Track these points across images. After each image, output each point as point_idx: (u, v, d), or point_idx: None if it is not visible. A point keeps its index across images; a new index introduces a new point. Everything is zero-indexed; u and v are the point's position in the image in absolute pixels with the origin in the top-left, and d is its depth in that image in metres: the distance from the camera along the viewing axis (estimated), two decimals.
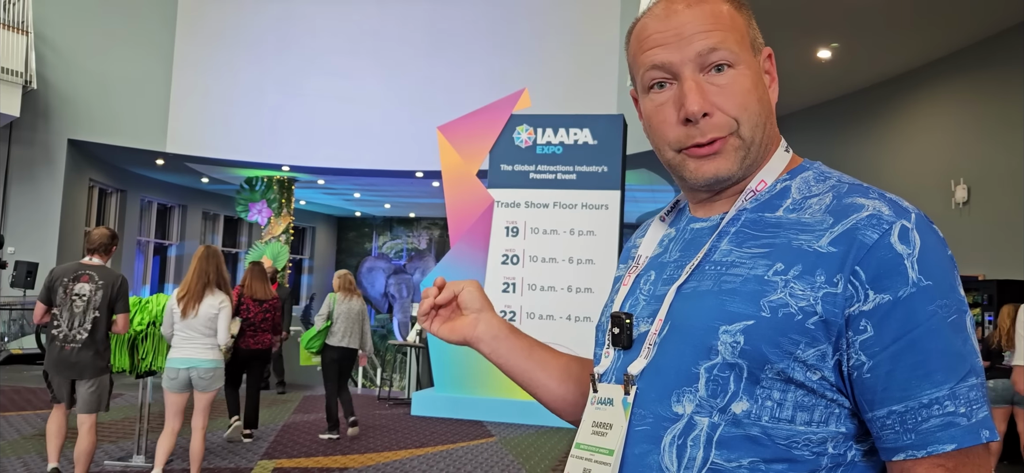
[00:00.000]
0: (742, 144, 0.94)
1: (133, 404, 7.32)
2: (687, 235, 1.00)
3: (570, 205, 8.85)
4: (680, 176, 0.98)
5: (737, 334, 0.86)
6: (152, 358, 5.86)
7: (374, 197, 18.32)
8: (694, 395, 0.88)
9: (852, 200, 0.89)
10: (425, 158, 12.66)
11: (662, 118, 0.95)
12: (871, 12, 8.54)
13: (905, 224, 0.85)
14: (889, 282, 0.83)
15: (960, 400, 0.82)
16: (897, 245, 0.84)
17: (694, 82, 0.92)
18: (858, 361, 0.84)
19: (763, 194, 0.95)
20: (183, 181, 16.33)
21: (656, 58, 0.94)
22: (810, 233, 0.88)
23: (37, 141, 12.27)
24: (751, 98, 0.94)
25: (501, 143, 9.06)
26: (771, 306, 0.85)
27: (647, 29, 0.97)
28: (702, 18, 0.93)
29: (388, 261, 21.03)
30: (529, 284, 8.73)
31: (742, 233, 0.93)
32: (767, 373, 0.85)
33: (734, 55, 0.93)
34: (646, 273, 1.02)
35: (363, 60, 13.63)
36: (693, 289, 0.92)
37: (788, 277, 0.86)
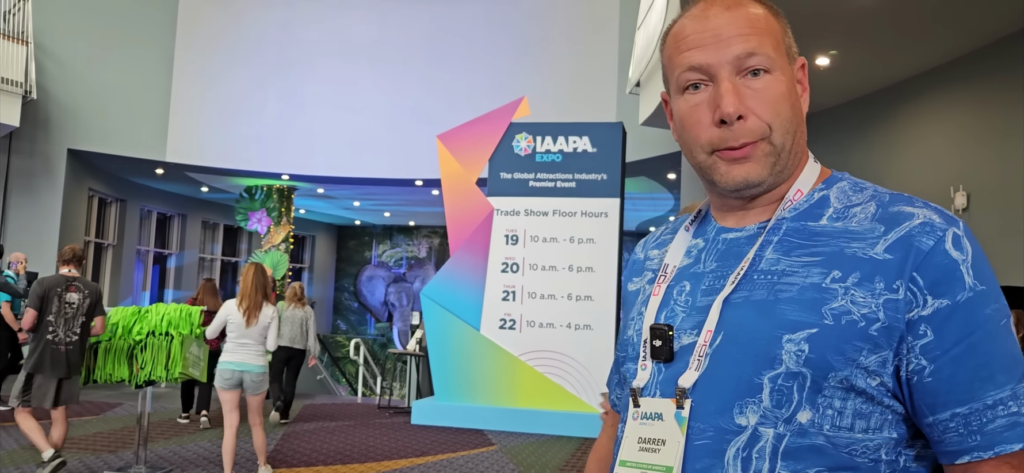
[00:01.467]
0: (773, 150, 0.93)
1: (132, 413, 7.31)
2: (721, 245, 0.99)
3: (570, 213, 8.85)
4: (710, 179, 0.97)
5: (801, 342, 0.85)
6: (151, 368, 5.85)
7: (374, 205, 18.32)
8: (758, 406, 0.87)
9: (899, 209, 0.90)
10: (425, 166, 12.66)
11: (696, 119, 0.95)
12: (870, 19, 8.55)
13: (956, 232, 0.87)
14: (947, 287, 0.84)
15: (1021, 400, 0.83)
16: (952, 251, 0.85)
17: (731, 84, 0.92)
18: (918, 365, 0.85)
19: (801, 204, 0.95)
20: (183, 190, 16.33)
21: (693, 59, 0.94)
22: (863, 241, 0.88)
23: (37, 151, 12.28)
24: (784, 104, 0.94)
25: (500, 151, 9.06)
26: (833, 313, 0.85)
27: (685, 30, 0.97)
28: (741, 22, 0.94)
29: (388, 269, 21.02)
30: (529, 292, 8.72)
31: (787, 242, 0.92)
32: (830, 381, 0.85)
33: (770, 61, 0.93)
34: (678, 284, 1.00)
35: (362, 69, 13.65)
36: (744, 299, 0.91)
37: (847, 284, 0.86)
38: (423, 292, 8.95)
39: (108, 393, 9.71)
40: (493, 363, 8.67)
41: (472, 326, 8.70)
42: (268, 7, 13.81)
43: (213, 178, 14.77)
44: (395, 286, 20.39)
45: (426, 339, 9.13)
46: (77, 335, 5.38)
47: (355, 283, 21.51)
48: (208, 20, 13.62)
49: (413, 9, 13.78)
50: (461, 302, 8.75)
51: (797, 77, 0.99)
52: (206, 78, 13.46)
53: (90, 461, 6.22)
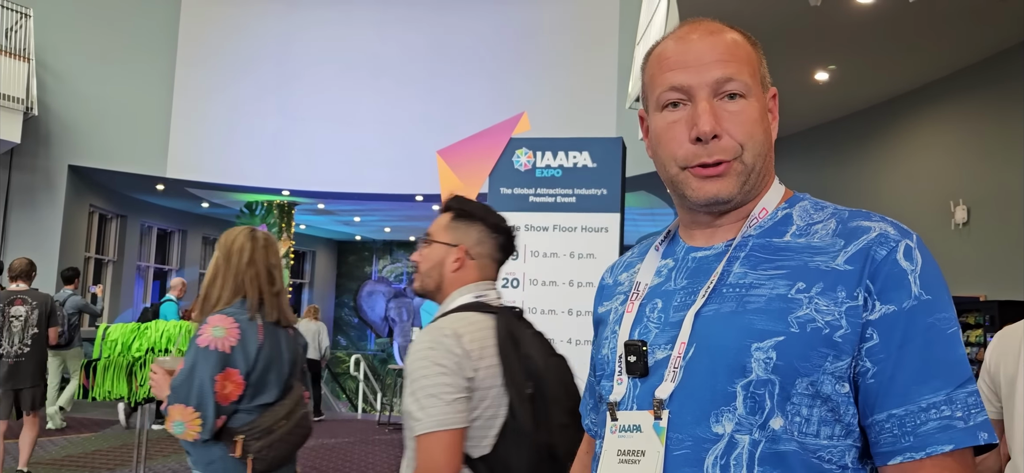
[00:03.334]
0: (744, 169, 0.99)
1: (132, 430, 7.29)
2: (690, 263, 1.03)
3: (570, 228, 8.83)
4: (681, 194, 1.02)
5: (769, 350, 0.89)
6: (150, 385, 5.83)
7: (374, 221, 18.33)
8: (733, 414, 0.90)
9: (858, 223, 0.96)
10: (425, 182, 12.67)
11: (672, 135, 1.00)
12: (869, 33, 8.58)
13: (909, 243, 0.93)
14: (894, 294, 0.89)
15: (957, 404, 0.87)
16: (902, 261, 0.91)
17: (708, 104, 0.97)
18: (864, 367, 0.89)
19: (766, 221, 1.01)
20: (183, 206, 16.34)
21: (675, 79, 1.00)
22: (825, 254, 0.93)
23: (38, 167, 12.29)
24: (757, 128, 1.00)
25: (500, 166, 9.06)
26: (799, 322, 0.90)
27: (667, 51, 1.03)
28: (720, 48, 1.00)
29: (388, 285, 20.99)
30: (529, 308, 8.67)
31: (754, 257, 0.97)
32: (797, 388, 0.89)
33: (746, 87, 0.99)
34: (650, 302, 1.03)
35: (362, 84, 13.69)
36: (714, 312, 0.95)
37: (811, 294, 0.91)
38: (424, 308, 8.93)
39: (107, 410, 9.68)
40: None
41: None
42: (269, 23, 13.87)
43: (213, 194, 14.78)
44: (395, 301, 20.34)
45: None
46: (28, 346, 5.68)
47: (355, 298, 21.46)
48: (209, 36, 13.67)
49: (413, 25, 13.83)
50: None
51: (769, 105, 1.05)
52: (207, 94, 13.49)
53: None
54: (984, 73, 9.34)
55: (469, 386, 1.63)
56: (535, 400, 1.67)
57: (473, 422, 1.64)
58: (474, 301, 1.77)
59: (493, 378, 1.67)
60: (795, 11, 7.96)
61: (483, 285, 1.83)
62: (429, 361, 1.61)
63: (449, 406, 1.59)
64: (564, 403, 1.72)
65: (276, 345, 2.43)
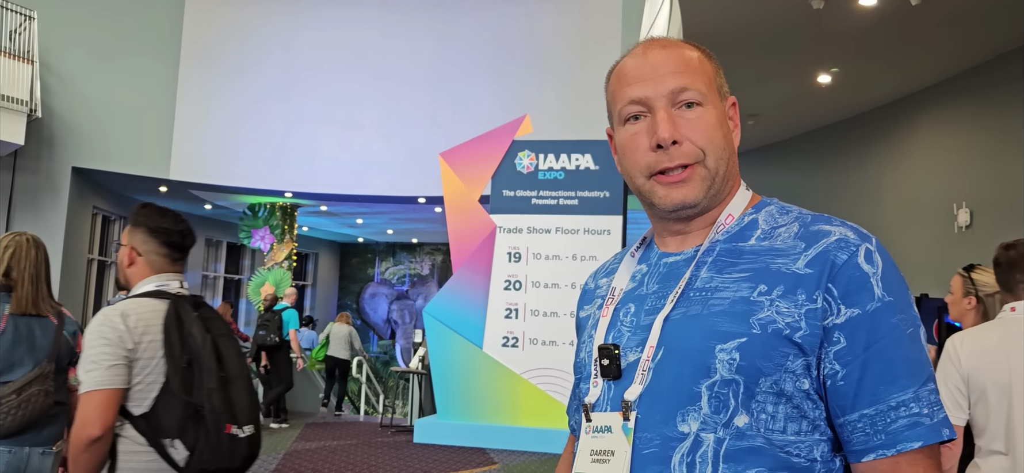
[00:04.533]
0: (708, 173, 1.02)
1: None
2: (662, 269, 1.07)
3: (572, 230, 8.85)
4: (649, 202, 1.06)
5: (733, 351, 0.93)
6: None
7: (377, 223, 18.33)
8: (698, 413, 0.94)
9: (819, 227, 0.99)
10: (428, 184, 12.67)
11: (635, 146, 1.05)
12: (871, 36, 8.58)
13: (869, 247, 0.96)
14: (858, 297, 0.93)
15: (923, 402, 0.91)
16: (864, 265, 0.94)
17: (666, 113, 1.02)
18: (832, 370, 0.93)
19: (732, 227, 1.04)
20: (186, 208, 16.34)
21: (634, 93, 1.05)
22: (786, 257, 0.97)
23: (41, 169, 12.32)
24: (717, 133, 1.03)
25: (503, 169, 9.08)
26: (760, 323, 0.93)
27: (625, 67, 1.08)
28: (675, 60, 1.05)
29: (391, 287, 21.01)
30: (532, 310, 8.71)
31: (720, 262, 1.01)
32: (761, 386, 0.92)
33: (702, 95, 1.03)
34: (624, 306, 1.08)
35: (366, 87, 13.70)
36: (682, 314, 0.99)
37: (772, 297, 0.94)
38: (426, 310, 8.94)
39: None
40: (496, 381, 8.65)
41: (475, 344, 8.68)
42: (272, 25, 13.89)
43: (216, 196, 14.80)
44: (398, 303, 20.36)
45: (429, 357, 9.11)
46: None
47: (358, 300, 21.49)
48: (212, 39, 13.70)
49: (416, 28, 13.84)
50: (464, 320, 8.73)
51: (729, 113, 1.09)
52: (210, 96, 13.52)
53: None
54: (987, 76, 9.34)
55: (128, 356, 2.03)
56: (190, 370, 2.08)
57: (135, 386, 2.04)
58: (153, 290, 2.19)
59: (155, 351, 2.07)
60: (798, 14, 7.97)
61: (165, 277, 2.25)
62: (97, 335, 2.02)
63: (107, 372, 1.99)
64: (216, 373, 2.09)
65: (27, 333, 2.91)
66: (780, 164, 12.77)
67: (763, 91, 10.19)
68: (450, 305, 8.85)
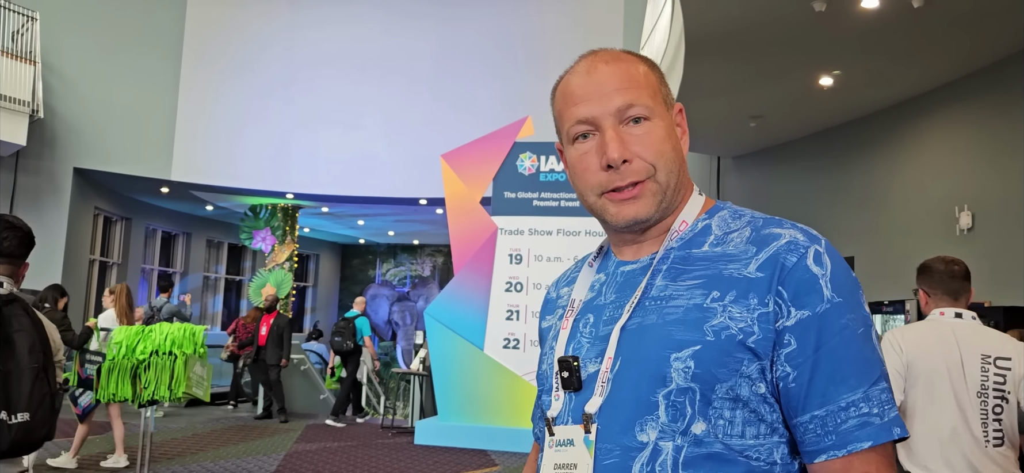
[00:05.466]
0: (659, 188, 1.02)
1: (135, 433, 7.29)
2: (619, 278, 1.07)
3: (573, 232, 8.84)
4: (603, 219, 1.06)
5: (688, 359, 0.93)
6: (154, 387, 5.84)
7: (378, 224, 18.34)
8: (656, 422, 0.94)
9: (770, 231, 0.99)
10: (429, 186, 12.68)
11: (585, 166, 1.04)
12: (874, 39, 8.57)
13: (818, 249, 0.96)
14: (807, 299, 0.93)
15: (873, 401, 0.91)
16: (813, 267, 0.94)
17: (614, 132, 1.01)
18: (784, 372, 0.93)
19: (686, 233, 1.04)
20: (187, 209, 16.37)
21: (580, 113, 1.04)
22: (738, 262, 0.97)
23: (43, 170, 12.33)
24: (666, 146, 1.03)
25: (504, 171, 9.08)
26: (714, 330, 0.93)
27: (570, 85, 1.06)
28: (620, 76, 1.04)
29: (392, 288, 21.01)
30: (533, 312, 8.70)
31: (674, 269, 1.01)
32: (717, 393, 0.92)
33: (648, 109, 1.03)
34: (583, 317, 1.08)
35: (367, 88, 13.71)
36: (638, 324, 0.99)
37: (725, 303, 0.94)
38: (427, 311, 8.93)
39: None
40: (497, 383, 8.64)
41: (476, 345, 8.68)
42: (274, 26, 13.90)
43: (218, 197, 14.81)
44: (399, 305, 20.36)
45: (430, 358, 9.11)
46: None
47: None
48: (214, 40, 13.71)
49: (418, 30, 13.85)
50: (465, 321, 8.73)
51: (676, 121, 1.08)
52: (212, 97, 13.53)
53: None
54: (989, 79, 9.32)
55: None
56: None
57: None
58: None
59: None
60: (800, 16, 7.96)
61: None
62: None
63: None
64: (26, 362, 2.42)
65: None
66: (782, 166, 12.77)
67: (765, 93, 10.18)
68: (451, 307, 8.84)
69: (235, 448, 7.99)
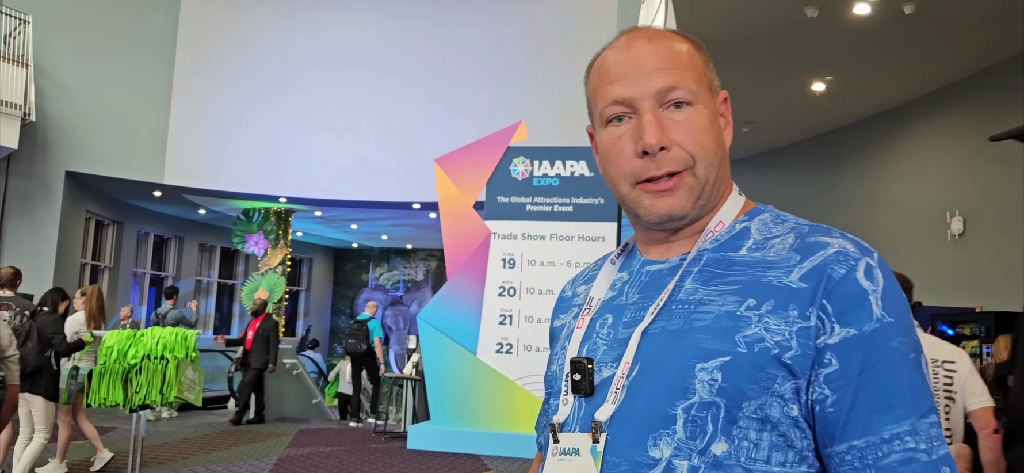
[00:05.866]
0: (697, 182, 0.94)
1: (126, 437, 7.26)
2: (644, 277, 0.99)
3: (567, 237, 8.85)
4: (634, 212, 0.97)
5: (714, 371, 0.84)
6: (146, 391, 5.81)
7: (371, 228, 18.32)
8: (672, 438, 0.85)
9: (816, 238, 0.90)
10: (422, 190, 12.68)
11: (619, 151, 0.95)
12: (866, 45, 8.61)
13: (869, 262, 0.87)
14: (855, 316, 0.83)
15: (921, 436, 0.82)
16: (863, 281, 0.85)
17: (653, 116, 0.93)
18: (822, 394, 0.84)
19: (722, 235, 0.96)
20: (180, 213, 16.32)
21: (616, 92, 0.95)
22: (778, 270, 0.88)
23: (35, 173, 12.28)
24: (707, 136, 0.94)
25: (498, 175, 9.08)
26: (747, 341, 0.84)
27: (607, 62, 0.98)
28: (662, 55, 0.95)
29: (385, 292, 20.98)
30: (526, 316, 8.70)
31: (706, 272, 0.92)
32: (744, 411, 0.83)
33: (692, 94, 0.94)
34: (601, 317, 0.99)
35: (361, 92, 13.71)
36: (661, 329, 0.90)
37: (761, 312, 0.85)
38: (420, 316, 8.93)
39: (103, 417, 9.65)
40: (490, 387, 8.63)
41: (469, 350, 8.67)
42: (268, 30, 13.89)
43: (211, 201, 14.77)
44: (392, 309, 20.34)
45: (422, 363, 9.09)
46: None
47: (351, 306, 21.44)
48: (207, 43, 13.69)
49: (412, 34, 13.85)
50: (458, 326, 8.72)
51: (720, 110, 1.00)
52: (205, 100, 13.50)
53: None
54: (980, 85, 9.38)
55: None
56: None
57: None
58: None
59: None
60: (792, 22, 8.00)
61: None
62: None
63: None
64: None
65: None
66: (775, 171, 12.81)
67: (758, 98, 10.22)
68: (444, 311, 8.84)
69: (227, 452, 7.96)
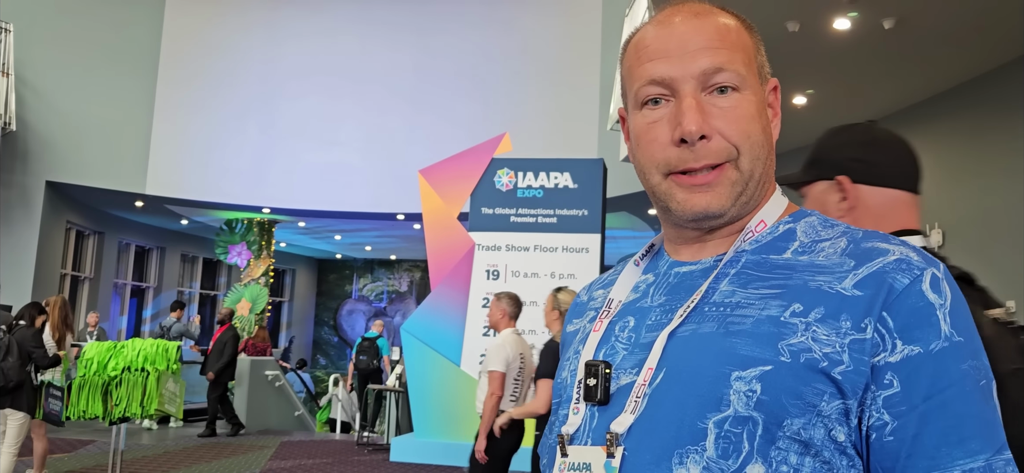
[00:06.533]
0: (740, 177, 0.83)
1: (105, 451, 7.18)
2: (672, 279, 0.87)
3: (551, 248, 8.86)
4: (665, 206, 0.86)
5: (753, 381, 0.73)
6: (126, 404, 5.76)
7: (355, 239, 18.27)
8: (701, 455, 0.74)
9: (873, 244, 0.79)
10: (406, 201, 12.67)
11: (653, 137, 0.84)
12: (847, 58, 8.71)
13: (936, 273, 0.76)
14: (920, 333, 0.73)
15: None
16: (929, 293, 0.74)
17: (694, 100, 0.81)
18: (879, 420, 0.73)
19: (764, 235, 0.85)
20: (162, 223, 16.21)
21: (654, 72, 0.83)
22: (829, 274, 0.77)
23: (15, 183, 12.16)
24: (754, 127, 0.83)
25: (482, 186, 9.09)
26: (791, 350, 0.74)
27: (647, 38, 0.86)
28: (709, 32, 0.83)
29: (368, 304, 20.91)
30: None
31: (745, 274, 0.81)
32: (785, 431, 0.73)
33: (740, 78, 0.83)
34: (622, 319, 0.88)
35: (345, 103, 13.69)
36: (692, 331, 0.79)
37: (809, 319, 0.75)
38: (403, 327, 8.90)
39: (82, 430, 9.54)
40: (473, 399, 8.61)
41: (452, 361, 8.65)
42: (251, 41, 13.86)
43: (193, 211, 14.68)
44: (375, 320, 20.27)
45: (406, 374, 9.07)
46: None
47: (335, 317, 21.36)
48: (191, 53, 13.63)
49: (397, 44, 13.87)
50: (442, 337, 8.71)
51: (768, 100, 0.89)
52: (188, 110, 13.44)
53: None
54: (958, 98, 9.51)
55: None
56: None
57: None
58: None
59: None
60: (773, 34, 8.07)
61: None
62: None
63: None
64: None
65: None
66: None
67: None
68: (428, 322, 8.82)
69: (207, 466, 7.88)
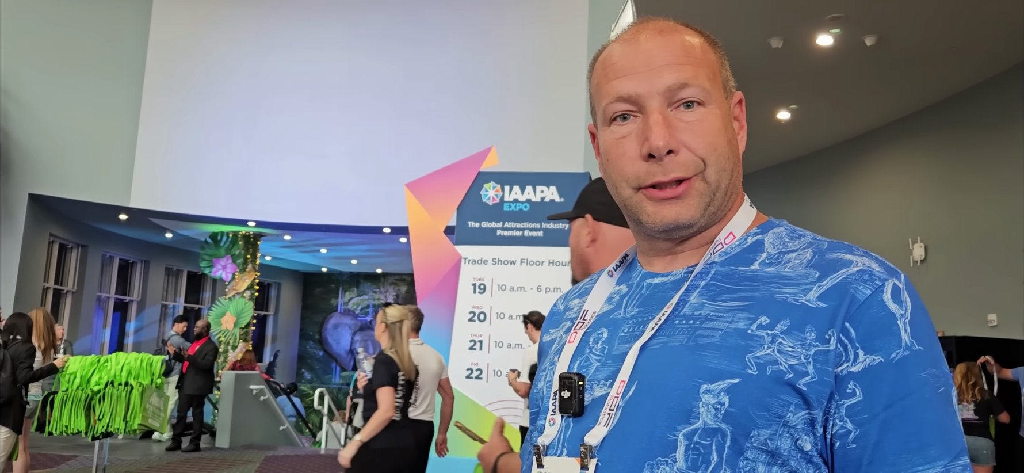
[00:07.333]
0: (707, 188, 0.85)
1: (87, 467, 7.10)
2: (644, 290, 0.90)
3: (537, 262, 8.88)
4: (636, 219, 0.89)
5: (721, 394, 0.76)
6: (109, 419, 5.71)
7: (341, 253, 18.21)
8: (671, 466, 0.77)
9: (837, 255, 0.81)
10: (392, 214, 12.67)
11: (621, 152, 0.87)
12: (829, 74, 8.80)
13: (897, 283, 0.78)
14: (882, 342, 0.76)
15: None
16: (890, 304, 0.77)
17: (661, 116, 0.84)
18: (843, 429, 0.75)
19: (732, 247, 0.87)
20: (146, 236, 16.10)
21: (621, 89, 0.87)
22: (795, 286, 0.80)
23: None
24: (720, 139, 0.86)
25: (469, 200, 9.11)
26: (758, 363, 0.76)
27: (613, 56, 0.90)
28: (673, 49, 0.87)
29: (354, 317, 20.83)
30: (496, 341, 8.70)
31: (714, 286, 0.84)
32: (752, 441, 0.75)
33: (705, 93, 0.86)
34: (596, 331, 0.91)
35: (331, 116, 13.68)
36: (663, 345, 0.82)
37: (775, 332, 0.77)
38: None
39: (64, 445, 9.44)
40: (459, 413, 8.59)
41: None
42: (238, 52, 13.83)
43: (178, 224, 14.60)
44: (361, 334, 20.19)
45: None
46: None
47: (321, 331, 21.26)
48: (176, 66, 13.59)
49: (383, 58, 13.89)
50: None
51: (734, 113, 0.92)
52: (173, 123, 13.38)
53: None
54: (940, 115, 9.63)
55: None
56: None
57: None
58: None
59: None
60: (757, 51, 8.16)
61: None
62: None
63: None
64: None
65: None
66: None
67: None
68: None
69: None
